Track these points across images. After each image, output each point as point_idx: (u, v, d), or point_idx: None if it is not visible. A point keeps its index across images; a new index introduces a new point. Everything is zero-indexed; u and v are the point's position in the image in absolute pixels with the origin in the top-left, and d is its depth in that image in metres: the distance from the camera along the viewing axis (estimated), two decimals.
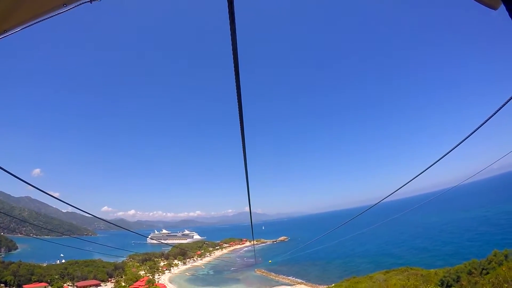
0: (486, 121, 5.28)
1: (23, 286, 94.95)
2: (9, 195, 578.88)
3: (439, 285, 34.59)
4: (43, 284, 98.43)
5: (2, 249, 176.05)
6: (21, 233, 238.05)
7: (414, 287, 38.38)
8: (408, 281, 42.63)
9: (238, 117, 3.38)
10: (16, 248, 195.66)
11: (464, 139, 6.14)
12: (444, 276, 36.03)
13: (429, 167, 7.41)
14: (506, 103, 4.62)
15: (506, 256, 32.20)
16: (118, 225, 13.42)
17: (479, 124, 5.54)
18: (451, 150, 6.40)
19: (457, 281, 34.08)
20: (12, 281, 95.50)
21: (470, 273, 32.42)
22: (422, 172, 7.61)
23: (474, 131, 5.88)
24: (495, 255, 33.44)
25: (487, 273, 30.10)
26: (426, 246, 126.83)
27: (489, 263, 32.84)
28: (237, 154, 4.26)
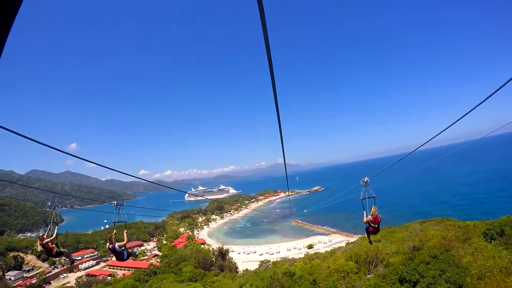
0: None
1: (72, 254, 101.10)
2: (49, 172, 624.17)
3: (482, 238, 31.23)
4: (90, 250, 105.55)
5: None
6: (65, 206, 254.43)
7: (455, 238, 35.66)
8: (448, 232, 40.01)
9: (268, 66, 3.39)
10: (62, 221, 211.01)
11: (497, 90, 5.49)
12: (488, 229, 32.50)
13: (464, 115, 6.91)
14: None
15: None
16: (158, 183, 12.16)
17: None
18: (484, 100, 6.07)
19: (501, 235, 30.83)
20: None
21: None
22: (456, 122, 7.21)
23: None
24: None
25: None
26: (447, 199, 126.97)
27: None
28: (271, 104, 4.52)
